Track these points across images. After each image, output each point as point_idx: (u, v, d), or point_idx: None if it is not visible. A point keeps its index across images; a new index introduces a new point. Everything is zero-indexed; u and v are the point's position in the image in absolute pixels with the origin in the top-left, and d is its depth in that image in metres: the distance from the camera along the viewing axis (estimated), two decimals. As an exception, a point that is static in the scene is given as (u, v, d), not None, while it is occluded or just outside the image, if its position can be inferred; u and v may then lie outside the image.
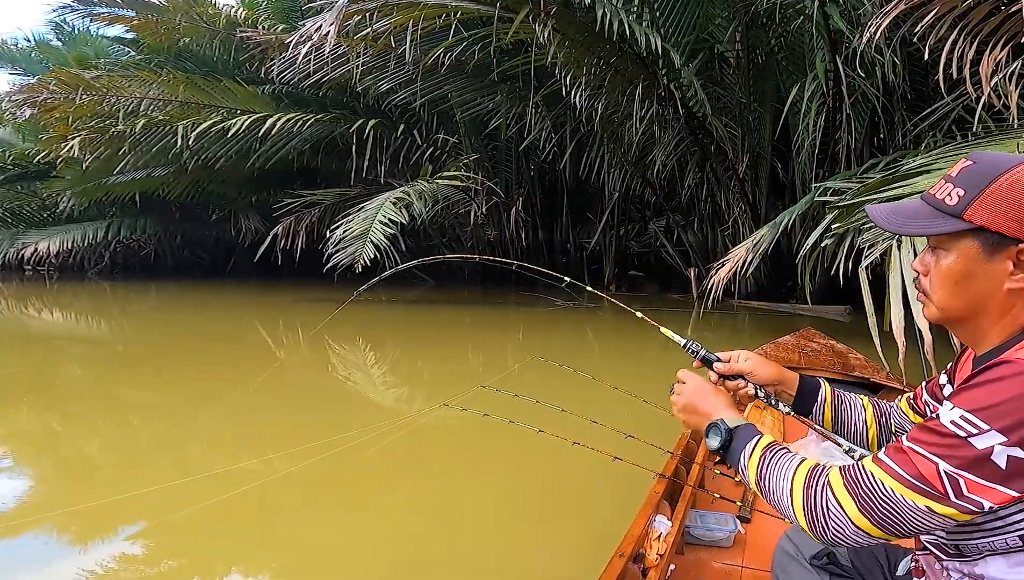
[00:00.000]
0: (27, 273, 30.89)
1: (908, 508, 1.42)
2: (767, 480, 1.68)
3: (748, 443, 1.79)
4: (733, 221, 15.63)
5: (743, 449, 1.79)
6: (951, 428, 1.39)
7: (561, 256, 21.92)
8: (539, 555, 4.04)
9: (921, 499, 1.41)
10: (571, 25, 12.57)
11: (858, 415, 2.20)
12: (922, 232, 1.57)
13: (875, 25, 8.84)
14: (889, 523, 1.45)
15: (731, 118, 14.83)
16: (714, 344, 11.04)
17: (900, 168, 8.24)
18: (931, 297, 1.62)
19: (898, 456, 1.46)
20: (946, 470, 1.39)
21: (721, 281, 10.40)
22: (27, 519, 4.48)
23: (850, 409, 2.20)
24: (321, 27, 13.75)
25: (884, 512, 1.45)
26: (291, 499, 4.81)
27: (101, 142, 19.85)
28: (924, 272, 1.64)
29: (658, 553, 2.89)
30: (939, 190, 1.56)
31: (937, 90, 9.95)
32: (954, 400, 1.42)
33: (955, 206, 1.50)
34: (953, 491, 1.38)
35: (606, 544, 2.88)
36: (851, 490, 1.50)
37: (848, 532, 1.49)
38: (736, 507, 3.53)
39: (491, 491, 5.05)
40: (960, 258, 1.53)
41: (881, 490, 1.45)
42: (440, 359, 10.47)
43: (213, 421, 7.18)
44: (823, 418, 2.22)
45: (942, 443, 1.40)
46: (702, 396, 2.02)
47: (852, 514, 1.48)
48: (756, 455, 1.75)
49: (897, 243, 6.76)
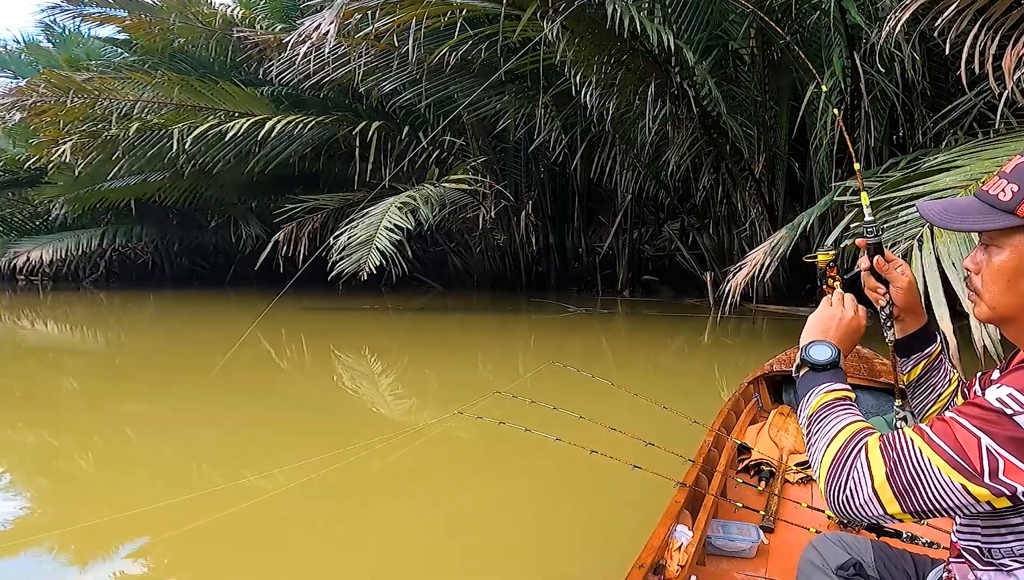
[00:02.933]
0: (20, 283, 30.82)
1: (940, 483, 1.43)
2: (819, 421, 1.71)
3: (833, 383, 1.80)
4: (750, 223, 15.59)
5: (823, 383, 1.81)
6: (996, 404, 1.41)
7: (573, 261, 21.86)
8: (557, 566, 4.05)
9: (956, 475, 1.42)
10: (581, 22, 12.55)
11: (942, 387, 2.14)
12: (974, 228, 1.59)
13: (894, 19, 8.87)
14: (911, 496, 1.46)
15: (746, 117, 14.81)
16: (732, 350, 11.13)
17: (921, 166, 8.28)
18: (982, 295, 1.63)
19: (940, 427, 1.47)
20: (988, 446, 1.40)
21: (739, 286, 10.41)
22: (24, 539, 4.49)
23: (941, 379, 2.14)
24: (321, 26, 13.82)
25: (910, 482, 1.46)
26: (297, 514, 4.80)
27: (94, 146, 19.75)
28: (976, 270, 1.65)
29: (679, 564, 2.89)
30: (992, 186, 1.56)
31: (957, 86, 9.96)
32: (1003, 380, 1.45)
33: (1009, 202, 1.51)
34: (990, 470, 1.39)
35: (625, 555, 2.89)
36: (885, 454, 1.51)
37: (861, 498, 1.50)
38: (759, 516, 3.54)
39: (506, 501, 5.07)
40: (1013, 255, 1.54)
41: (917, 458, 1.46)
42: (450, 368, 10.49)
43: (214, 435, 7.17)
44: (912, 368, 2.16)
45: (986, 418, 1.42)
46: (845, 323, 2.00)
47: (877, 479, 1.49)
48: (828, 397, 1.76)
49: (918, 242, 6.79)
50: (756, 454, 4.25)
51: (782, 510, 3.64)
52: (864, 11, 11.35)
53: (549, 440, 3.73)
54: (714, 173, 16.10)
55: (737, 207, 15.98)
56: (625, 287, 20.29)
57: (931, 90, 12.33)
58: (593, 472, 4.76)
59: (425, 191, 16.57)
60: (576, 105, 15.86)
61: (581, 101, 14.57)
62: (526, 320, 16.03)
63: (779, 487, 3.92)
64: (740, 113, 14.82)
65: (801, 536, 3.23)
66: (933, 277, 6.42)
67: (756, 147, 14.78)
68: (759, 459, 4.19)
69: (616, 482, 4.55)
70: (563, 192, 21.63)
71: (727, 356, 11.02)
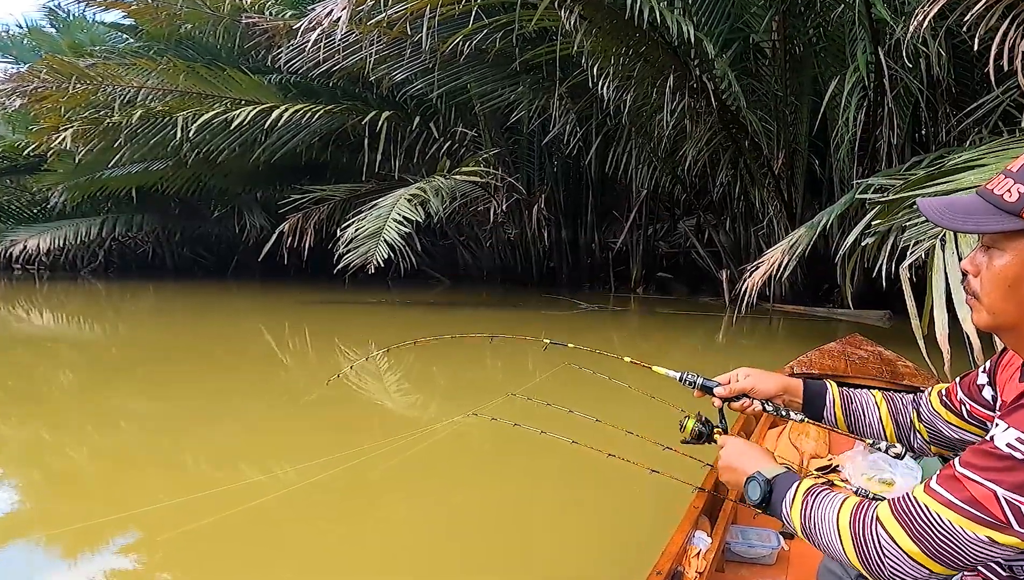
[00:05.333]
0: (16, 272, 30.77)
1: (968, 540, 1.41)
2: (813, 524, 1.71)
3: (788, 491, 1.83)
4: (768, 221, 15.55)
5: (783, 498, 1.84)
6: (1006, 450, 1.39)
7: (586, 256, 21.81)
8: (574, 572, 4.08)
9: (981, 529, 1.40)
10: (599, 12, 12.55)
11: (872, 413, 2.23)
12: (976, 229, 1.54)
13: (922, 14, 8.85)
14: (947, 556, 1.44)
15: (766, 112, 14.78)
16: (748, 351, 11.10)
17: (945, 164, 8.26)
18: (981, 300, 1.59)
19: (951, 484, 1.46)
20: (1005, 496, 1.38)
21: (756, 285, 10.40)
22: (15, 539, 4.50)
23: (862, 408, 2.24)
24: (332, 12, 13.85)
25: (941, 544, 1.44)
26: (301, 515, 4.79)
27: (95, 134, 19.73)
28: (974, 273, 1.61)
29: (697, 571, 2.89)
30: (997, 185, 1.51)
31: (983, 84, 9.95)
32: (1008, 420, 1.42)
33: (1015, 203, 1.46)
34: (1015, 518, 1.37)
35: (643, 561, 2.89)
36: (903, 523, 1.50)
37: (907, 568, 1.49)
38: (779, 523, 3.51)
39: (519, 505, 5.09)
40: (1016, 260, 1.49)
41: (937, 522, 1.45)
42: (458, 365, 10.50)
43: (215, 432, 7.13)
44: (835, 420, 2.27)
45: (999, 467, 1.40)
46: (737, 454, 2.09)
47: (907, 547, 1.48)
48: (798, 501, 1.78)
49: (941, 242, 6.77)
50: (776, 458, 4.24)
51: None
52: (890, 5, 11.32)
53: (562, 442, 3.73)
54: (732, 169, 16.09)
55: (755, 204, 15.97)
56: (639, 284, 20.29)
57: (956, 87, 12.32)
58: (609, 476, 4.74)
59: (435, 183, 16.57)
60: (592, 97, 15.90)
61: (597, 93, 14.59)
62: (536, 316, 16.01)
63: (799, 493, 3.88)
64: (760, 108, 14.80)
65: (822, 543, 3.20)
66: (955, 280, 6.39)
67: (776, 143, 14.74)
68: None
69: (632, 486, 4.55)
70: (576, 186, 21.56)
71: (743, 357, 10.99)
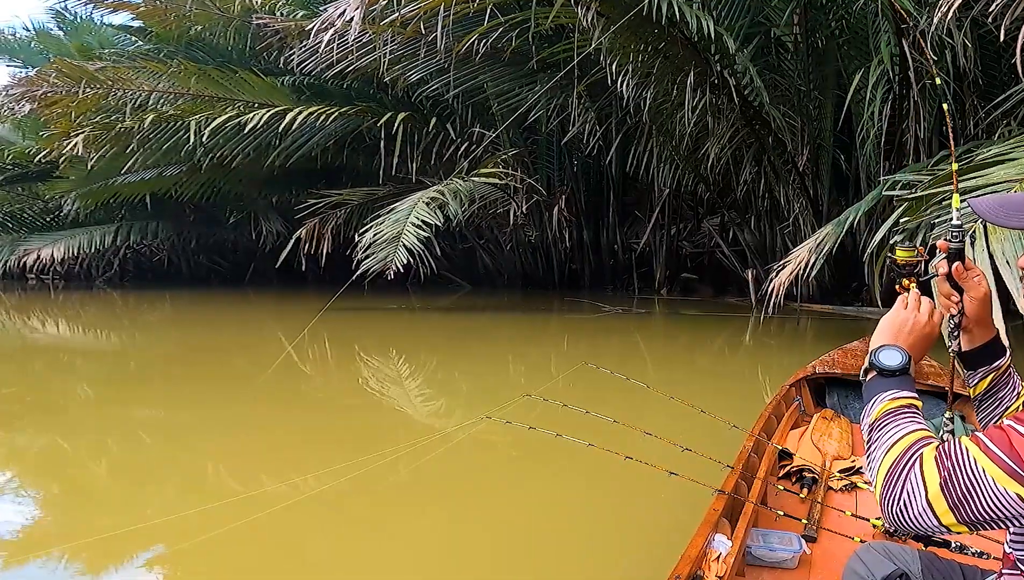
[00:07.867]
0: (30, 282, 31.00)
1: (995, 492, 1.43)
2: (879, 430, 1.71)
3: (900, 390, 1.80)
4: (793, 218, 15.51)
5: (889, 390, 1.80)
6: None
7: (608, 258, 21.78)
8: (591, 576, 4.08)
9: (1013, 484, 1.42)
10: (616, 8, 12.52)
11: (1010, 400, 2.11)
12: None
13: (946, 4, 8.84)
14: (966, 506, 1.46)
15: (790, 107, 14.77)
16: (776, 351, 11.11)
17: (974, 158, 8.25)
18: None
19: (996, 434, 1.48)
20: None
21: (782, 284, 10.40)
22: (35, 551, 4.50)
23: (1009, 392, 2.12)
24: (345, 12, 13.89)
25: (965, 492, 1.46)
26: (320, 522, 4.82)
27: (107, 139, 19.65)
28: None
29: (717, 575, 2.87)
30: None
31: (1011, 75, 9.92)
32: None
33: None
34: None
35: (662, 565, 2.87)
36: (940, 464, 1.51)
37: (916, 509, 1.51)
38: (801, 525, 3.47)
39: (538, 508, 5.10)
40: None
41: (972, 468, 1.46)
42: (480, 370, 10.56)
43: (233, 440, 7.16)
44: (980, 381, 2.14)
45: None
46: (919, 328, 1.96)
47: (931, 490, 1.50)
48: (892, 405, 1.76)
49: (971, 239, 6.76)
50: (798, 460, 4.24)
51: (825, 519, 3.61)
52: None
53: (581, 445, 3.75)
54: (756, 166, 16.05)
55: (780, 201, 15.92)
56: (663, 285, 20.24)
57: (983, 79, 12.27)
58: (627, 478, 4.78)
59: (454, 185, 16.57)
60: (611, 95, 15.89)
61: (617, 91, 14.60)
62: (559, 320, 16.05)
63: (822, 495, 3.88)
64: (783, 103, 14.78)
65: (845, 546, 3.18)
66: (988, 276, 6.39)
67: (800, 139, 14.73)
68: (801, 465, 4.18)
69: (651, 489, 4.58)
70: (597, 186, 21.51)
71: (770, 357, 11.02)
